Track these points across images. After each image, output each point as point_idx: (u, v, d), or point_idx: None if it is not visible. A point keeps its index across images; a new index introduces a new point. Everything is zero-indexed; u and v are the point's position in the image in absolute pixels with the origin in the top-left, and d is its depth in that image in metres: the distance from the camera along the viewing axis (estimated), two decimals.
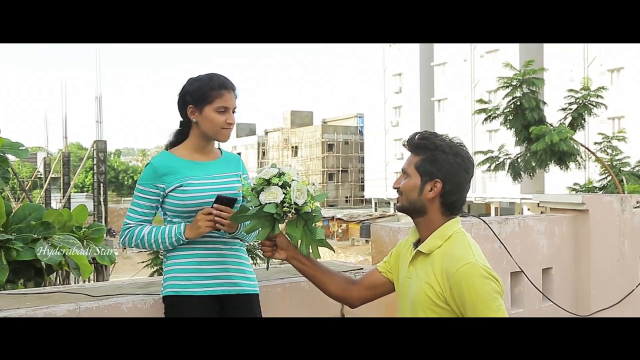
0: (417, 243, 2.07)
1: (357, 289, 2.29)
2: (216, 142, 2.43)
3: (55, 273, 5.67)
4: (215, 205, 2.20)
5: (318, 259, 2.31)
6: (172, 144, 2.39)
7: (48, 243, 3.95)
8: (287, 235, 2.22)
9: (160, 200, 2.31)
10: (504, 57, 28.30)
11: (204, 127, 2.29)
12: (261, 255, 10.03)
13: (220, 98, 2.26)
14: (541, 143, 10.72)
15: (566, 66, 33.78)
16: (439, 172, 1.97)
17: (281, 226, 2.22)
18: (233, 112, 2.31)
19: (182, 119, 2.37)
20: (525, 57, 14.60)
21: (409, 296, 2.02)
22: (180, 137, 2.39)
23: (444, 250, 1.95)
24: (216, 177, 2.32)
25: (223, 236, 2.29)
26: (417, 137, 2.04)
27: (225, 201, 2.21)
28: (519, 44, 36.26)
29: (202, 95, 2.27)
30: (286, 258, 2.28)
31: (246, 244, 2.45)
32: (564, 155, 11.02)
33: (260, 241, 2.26)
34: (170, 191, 2.27)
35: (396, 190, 2.08)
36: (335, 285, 2.29)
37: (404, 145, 2.10)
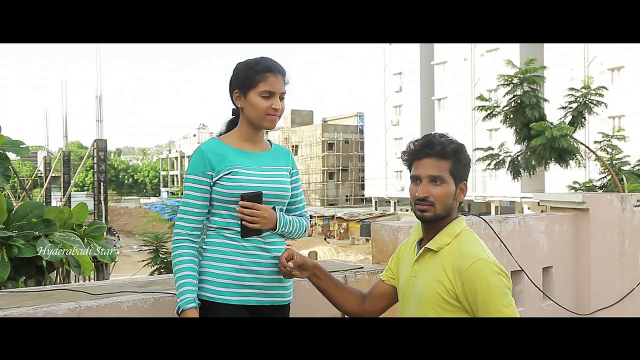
0: (420, 241, 2.07)
1: (368, 303, 2.28)
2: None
3: (55, 271, 5.68)
4: (240, 202, 2.12)
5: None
6: (222, 134, 2.29)
7: (49, 240, 3.96)
8: None
9: (210, 190, 2.17)
10: (505, 56, 28.24)
11: (248, 113, 2.19)
12: None
13: (264, 82, 2.16)
14: (541, 139, 10.71)
15: (566, 65, 33.77)
16: (466, 174, 1.99)
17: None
18: (281, 98, 2.20)
19: (233, 107, 2.29)
20: (526, 56, 14.59)
21: (414, 294, 2.01)
22: (231, 126, 2.30)
23: (453, 248, 1.94)
24: (265, 170, 2.21)
25: (262, 243, 2.18)
26: (446, 141, 1.96)
27: (250, 198, 2.13)
28: (519, 43, 36.25)
29: (246, 79, 2.17)
30: (308, 276, 2.26)
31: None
32: (563, 153, 11.01)
33: (280, 261, 2.18)
34: (218, 179, 2.14)
35: (424, 199, 1.95)
36: (351, 302, 2.28)
37: (427, 151, 1.95)
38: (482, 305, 1.83)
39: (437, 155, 1.94)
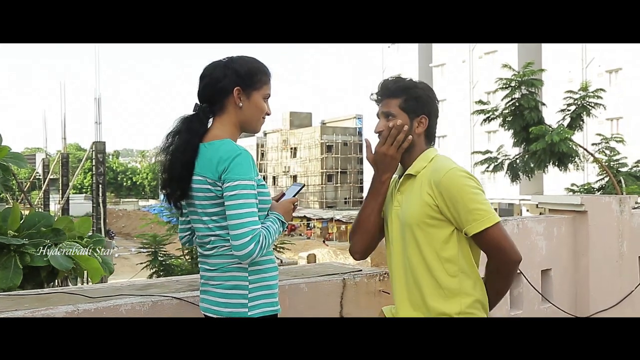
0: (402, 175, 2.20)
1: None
2: None
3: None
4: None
5: None
6: (196, 132, 2.02)
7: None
8: None
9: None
10: (503, 58, 28.29)
11: (248, 114, 2.06)
12: None
13: (267, 84, 2.10)
14: (541, 143, 10.72)
15: (564, 67, 33.81)
16: (424, 107, 2.18)
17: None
18: None
19: (210, 104, 2.06)
20: (524, 58, 14.63)
21: (399, 222, 2.13)
22: (202, 127, 2.04)
23: (429, 168, 2.11)
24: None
25: None
26: (391, 82, 2.18)
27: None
28: (517, 45, 36.31)
29: (252, 79, 2.05)
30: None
31: None
32: (563, 156, 11.02)
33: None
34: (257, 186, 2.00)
35: (379, 134, 2.16)
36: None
37: (376, 96, 2.19)
38: (462, 207, 1.99)
39: (387, 96, 2.18)
